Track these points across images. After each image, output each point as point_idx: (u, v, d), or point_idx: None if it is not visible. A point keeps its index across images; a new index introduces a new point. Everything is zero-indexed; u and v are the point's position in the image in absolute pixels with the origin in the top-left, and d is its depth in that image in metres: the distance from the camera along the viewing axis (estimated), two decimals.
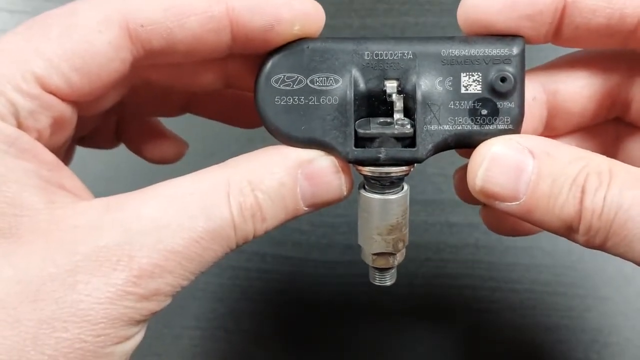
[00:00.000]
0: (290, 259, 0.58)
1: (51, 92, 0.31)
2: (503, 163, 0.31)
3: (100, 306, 0.28)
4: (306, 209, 0.33)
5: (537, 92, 0.36)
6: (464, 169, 0.37)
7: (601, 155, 0.31)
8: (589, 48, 0.36)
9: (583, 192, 0.29)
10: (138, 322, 0.29)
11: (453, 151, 0.38)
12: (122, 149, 0.47)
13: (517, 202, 0.31)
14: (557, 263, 0.57)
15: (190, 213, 0.30)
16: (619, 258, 0.30)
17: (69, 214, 0.30)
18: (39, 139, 0.31)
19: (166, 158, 0.47)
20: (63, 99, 0.31)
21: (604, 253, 0.31)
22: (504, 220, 0.40)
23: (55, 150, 0.33)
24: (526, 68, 0.33)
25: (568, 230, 0.31)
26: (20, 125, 0.30)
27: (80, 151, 0.43)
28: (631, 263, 0.30)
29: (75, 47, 0.30)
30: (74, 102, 0.32)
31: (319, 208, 0.34)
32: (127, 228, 0.29)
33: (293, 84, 0.33)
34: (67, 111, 0.32)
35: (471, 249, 0.58)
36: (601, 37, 0.33)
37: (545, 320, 0.56)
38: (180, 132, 0.48)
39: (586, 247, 0.31)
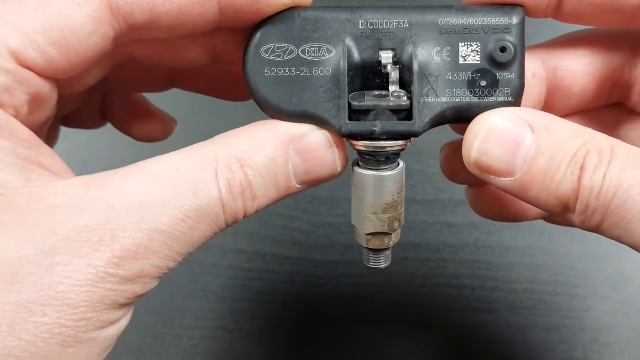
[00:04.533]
0: (290, 259, 0.58)
1: (27, 67, 0.29)
2: (501, 135, 0.29)
3: (80, 289, 0.26)
4: (299, 186, 0.31)
5: (537, 68, 0.34)
6: (451, 144, 0.35)
7: (603, 134, 0.29)
8: (592, 26, 0.35)
9: (582, 169, 0.28)
10: (122, 306, 0.27)
11: None
12: (125, 137, 0.45)
13: (513, 178, 0.29)
14: (557, 263, 0.56)
15: (176, 191, 0.28)
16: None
17: (47, 192, 0.28)
18: (16, 116, 0.29)
19: (154, 136, 0.45)
20: (40, 75, 0.29)
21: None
22: (490, 202, 0.39)
23: (36, 129, 0.31)
24: (527, 46, 0.32)
25: (564, 210, 0.29)
26: None
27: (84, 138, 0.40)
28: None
29: (53, 20, 0.28)
30: (53, 79, 0.30)
31: (313, 185, 0.32)
32: (109, 206, 0.27)
33: (284, 55, 0.31)
34: (45, 87, 0.30)
35: (471, 249, 0.57)
36: (605, 14, 0.31)
37: (545, 320, 0.55)
38: (184, 115, 0.46)
39: (582, 228, 0.29)
